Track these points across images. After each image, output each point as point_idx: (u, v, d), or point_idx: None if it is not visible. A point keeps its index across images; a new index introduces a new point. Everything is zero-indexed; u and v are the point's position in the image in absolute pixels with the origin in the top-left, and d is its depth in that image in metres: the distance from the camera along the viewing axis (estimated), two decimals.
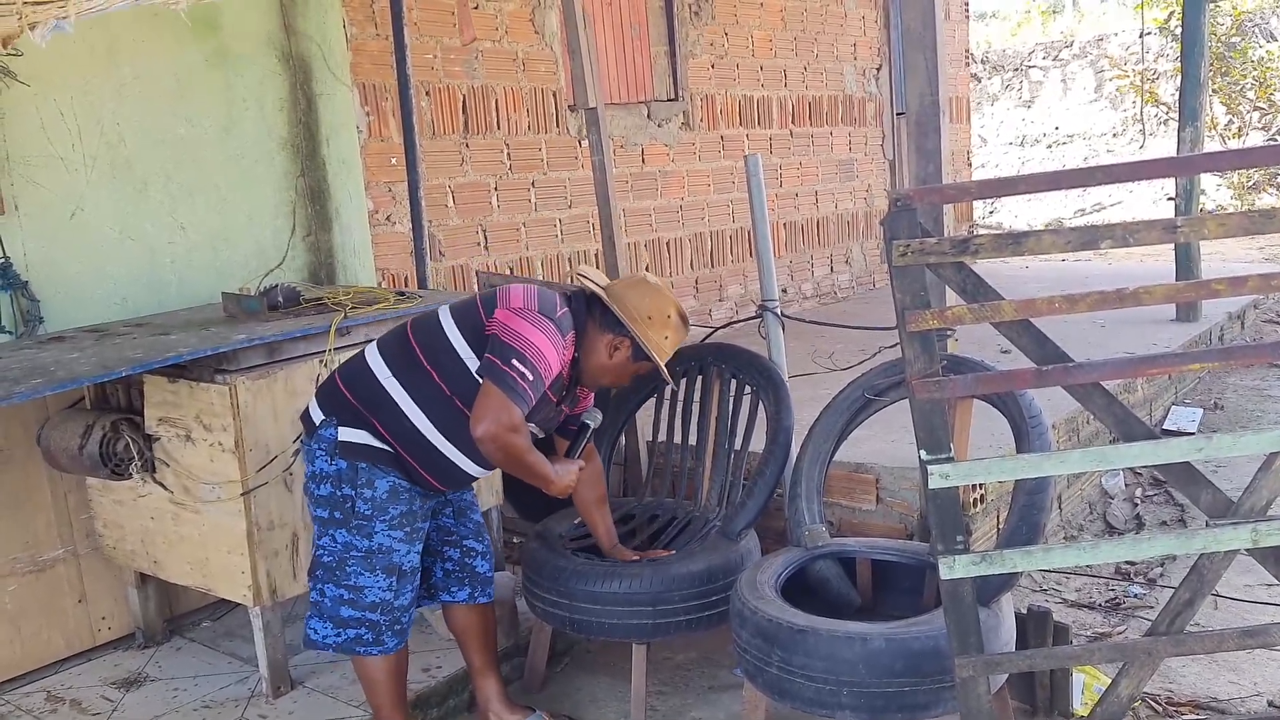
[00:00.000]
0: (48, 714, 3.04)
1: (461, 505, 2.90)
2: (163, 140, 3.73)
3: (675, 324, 2.76)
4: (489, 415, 2.44)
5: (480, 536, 2.93)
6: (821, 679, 2.35)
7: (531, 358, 2.48)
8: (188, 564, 3.10)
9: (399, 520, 2.61)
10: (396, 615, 2.67)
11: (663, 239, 6.29)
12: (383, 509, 2.58)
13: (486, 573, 2.93)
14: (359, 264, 4.40)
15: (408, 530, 2.64)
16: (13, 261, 3.31)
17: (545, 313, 2.55)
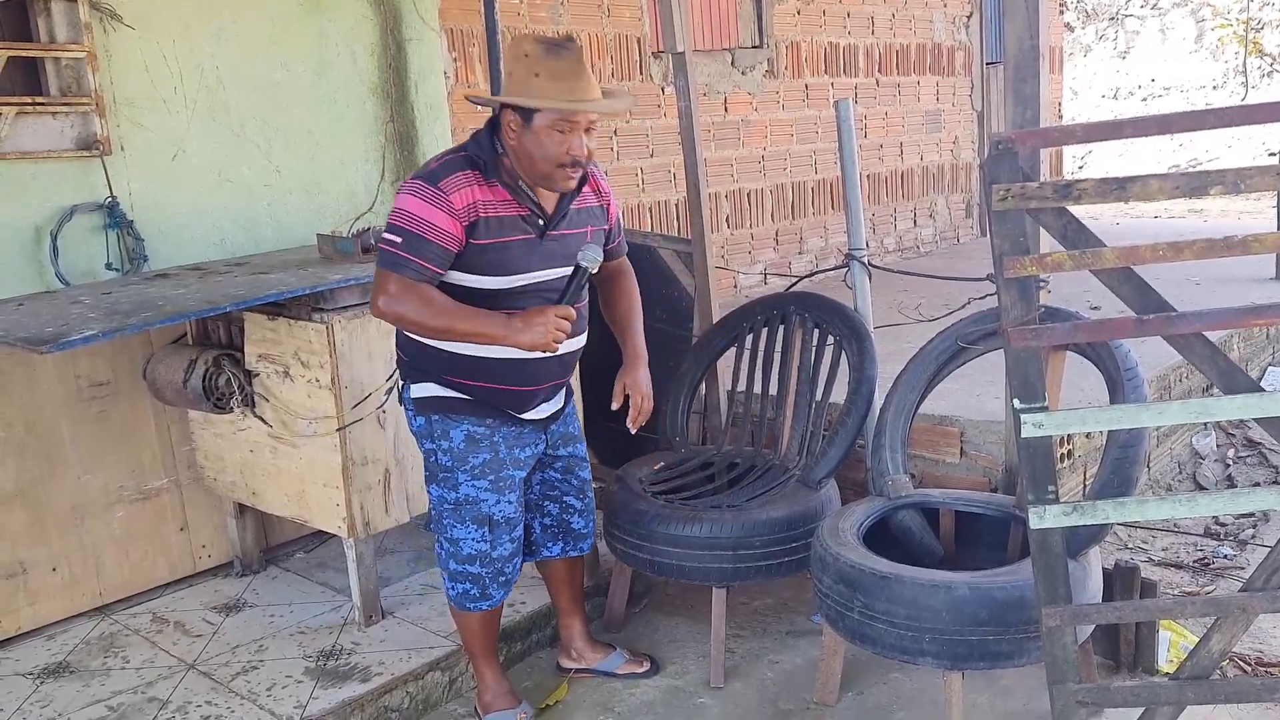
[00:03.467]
0: (154, 634, 3.20)
1: (570, 462, 2.82)
2: (259, 84, 3.81)
3: (537, 55, 2.31)
4: (372, 294, 2.37)
5: (583, 494, 2.86)
6: (904, 625, 2.37)
7: (395, 221, 2.34)
8: (285, 496, 3.21)
9: (481, 469, 2.57)
10: (498, 566, 2.66)
11: (744, 189, 6.25)
12: (462, 459, 2.56)
13: (581, 529, 2.89)
14: None
15: (492, 479, 2.59)
16: (119, 201, 3.43)
17: (416, 175, 2.41)
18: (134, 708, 2.78)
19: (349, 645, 3.07)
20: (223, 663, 3.01)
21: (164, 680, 2.92)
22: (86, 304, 2.84)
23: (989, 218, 1.96)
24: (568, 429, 2.80)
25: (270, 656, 3.03)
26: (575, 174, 2.39)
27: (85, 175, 3.39)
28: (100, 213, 3.39)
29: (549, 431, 2.73)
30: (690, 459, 3.40)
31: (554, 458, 2.79)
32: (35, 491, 3.18)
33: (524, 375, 2.53)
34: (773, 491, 3.09)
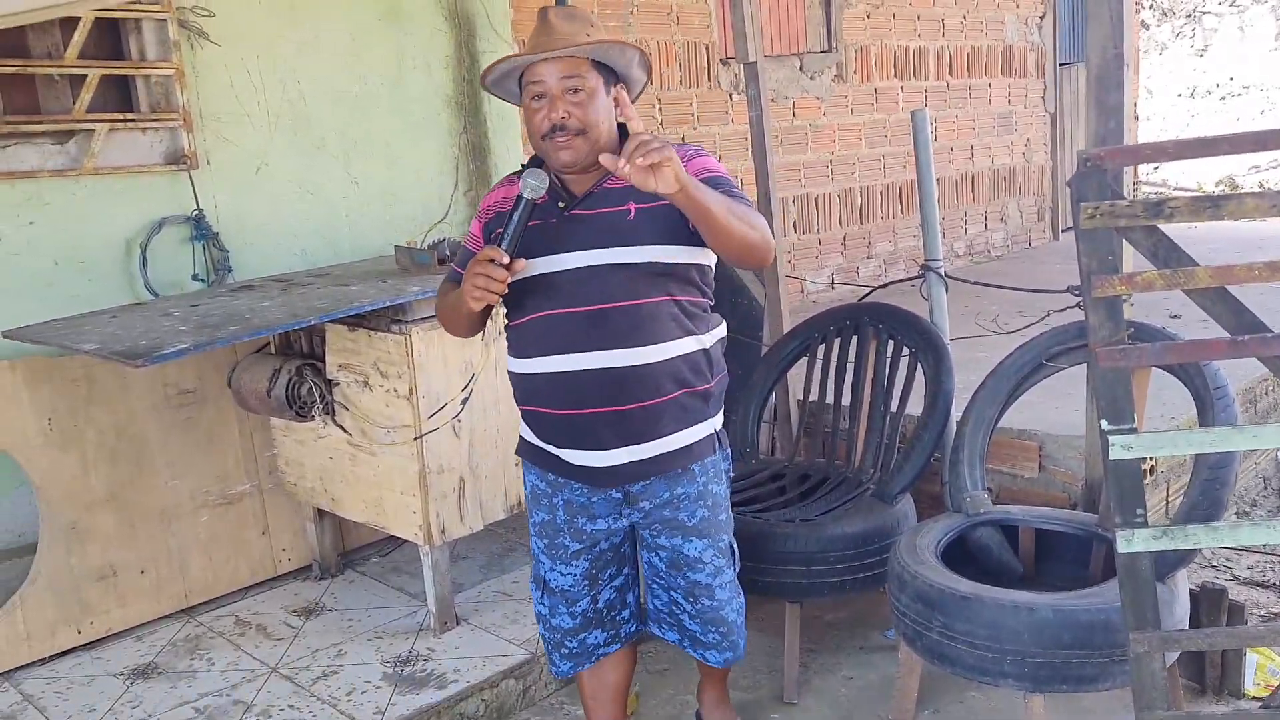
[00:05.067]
0: (237, 636, 3.28)
1: (676, 558, 2.28)
2: (338, 97, 3.89)
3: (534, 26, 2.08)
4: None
5: (694, 598, 2.32)
6: (985, 646, 2.34)
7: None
8: (363, 502, 3.27)
9: (539, 529, 2.32)
10: (558, 637, 2.40)
11: (811, 194, 6.22)
12: (529, 512, 2.35)
13: (700, 634, 2.39)
14: None
15: (547, 543, 2.31)
16: (205, 213, 3.53)
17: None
18: (220, 710, 2.86)
19: (425, 651, 3.12)
20: (303, 666, 3.07)
21: (248, 683, 2.99)
22: (177, 316, 2.93)
23: (1076, 235, 1.93)
24: (676, 515, 2.23)
25: (349, 661, 3.09)
26: (565, 143, 2.00)
27: (173, 189, 3.49)
28: (187, 225, 3.49)
29: (637, 507, 2.23)
30: (761, 470, 3.40)
31: (655, 544, 2.29)
32: (125, 496, 3.28)
33: (559, 390, 2.12)
34: (847, 505, 3.07)
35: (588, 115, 2.00)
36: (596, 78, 2.02)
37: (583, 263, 2.07)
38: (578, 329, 2.07)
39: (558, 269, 2.08)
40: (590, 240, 2.06)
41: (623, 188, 2.03)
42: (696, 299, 2.16)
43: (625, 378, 2.09)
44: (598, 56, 2.01)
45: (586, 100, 2.00)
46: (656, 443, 2.14)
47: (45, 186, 3.29)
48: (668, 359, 2.10)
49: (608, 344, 2.07)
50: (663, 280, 2.07)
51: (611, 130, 2.06)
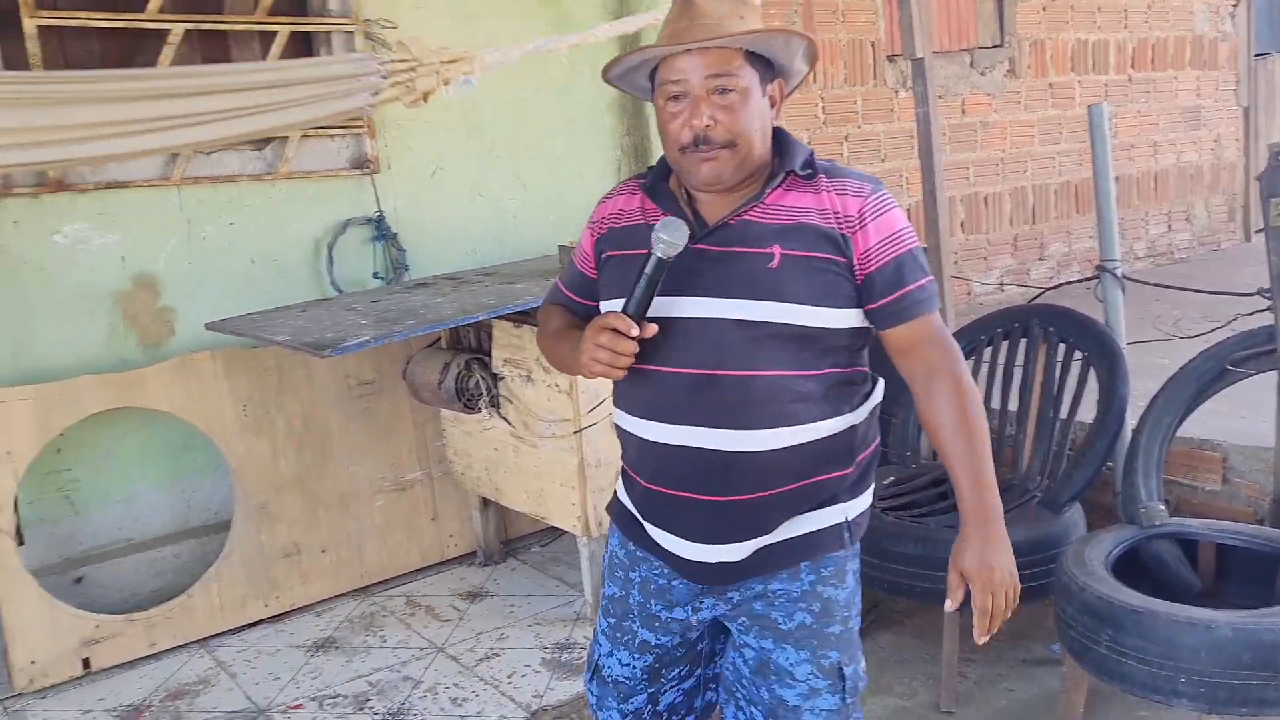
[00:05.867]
0: (407, 616, 3.45)
1: (765, 663, 1.74)
2: (510, 104, 4.04)
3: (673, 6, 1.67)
4: None
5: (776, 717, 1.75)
6: (1157, 664, 2.24)
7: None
8: (525, 493, 3.39)
9: (607, 604, 1.87)
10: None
11: (980, 193, 6.04)
12: (604, 581, 1.90)
13: None
14: None
15: (612, 622, 1.85)
16: (385, 215, 3.73)
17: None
18: (391, 685, 3.02)
19: (582, 639, 3.21)
20: (468, 648, 3.21)
21: (416, 660, 3.15)
22: (359, 311, 3.11)
23: (1266, 233, 1.83)
24: (769, 612, 1.72)
25: (510, 645, 3.21)
26: (708, 158, 1.58)
27: (357, 192, 3.70)
28: (369, 226, 3.71)
29: (725, 597, 1.75)
30: (922, 475, 3.33)
31: (742, 641, 1.78)
32: (310, 480, 3.50)
33: (650, 461, 1.69)
34: (1012, 513, 2.98)
35: (738, 123, 1.57)
36: (751, 74, 1.58)
37: (699, 312, 1.60)
38: (679, 394, 1.62)
39: (666, 315, 1.61)
40: (714, 285, 1.60)
41: (769, 222, 1.61)
42: (849, 369, 1.67)
43: (729, 465, 1.62)
44: (756, 48, 1.59)
45: (738, 103, 1.57)
46: (759, 540, 1.67)
47: (244, 190, 3.54)
48: (791, 446, 1.61)
49: (712, 420, 1.61)
50: (803, 348, 1.60)
51: (765, 138, 1.64)
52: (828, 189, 1.63)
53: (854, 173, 1.68)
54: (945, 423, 1.60)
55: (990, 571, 1.57)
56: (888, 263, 1.60)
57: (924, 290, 1.62)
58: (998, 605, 1.58)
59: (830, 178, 1.65)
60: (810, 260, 1.60)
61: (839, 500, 1.71)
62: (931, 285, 1.64)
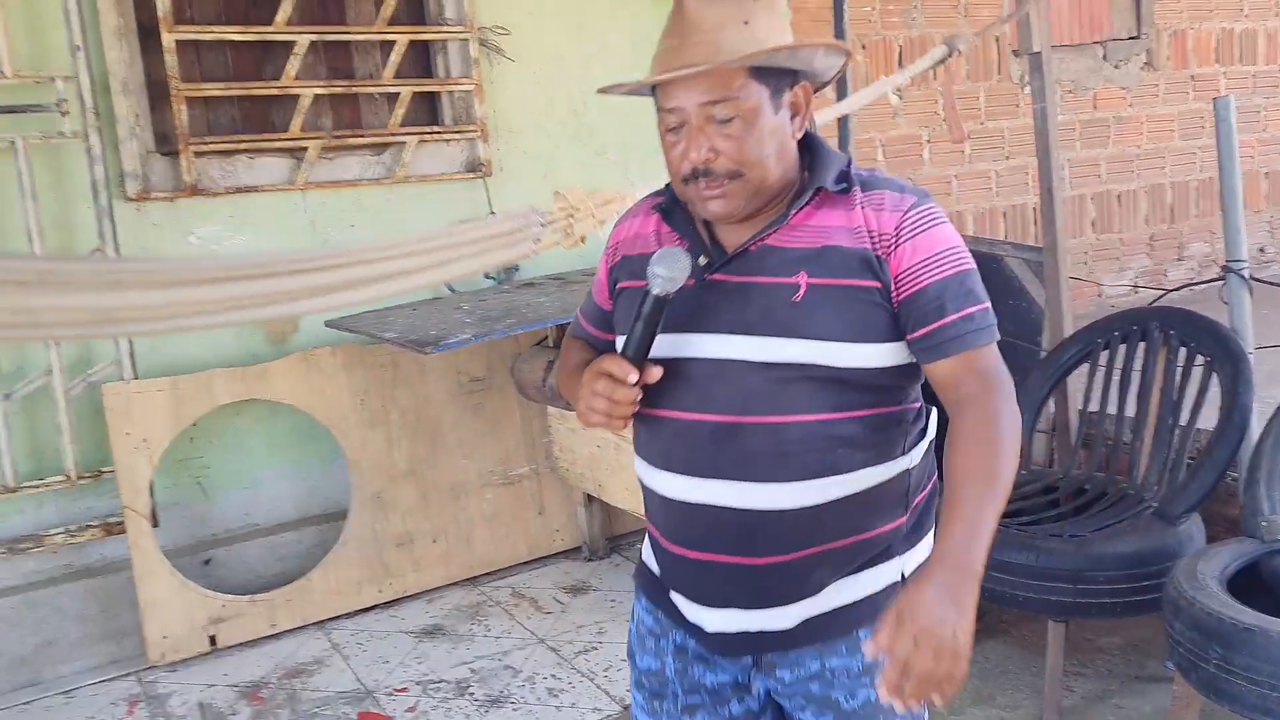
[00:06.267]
0: (512, 607, 3.55)
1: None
2: (618, 106, 4.08)
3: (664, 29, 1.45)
4: None
5: None
6: (1269, 684, 2.12)
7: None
8: (625, 490, 3.44)
9: (640, 678, 1.62)
10: None
11: (1113, 191, 5.80)
12: (631, 654, 1.65)
13: None
14: None
15: (648, 695, 1.60)
16: (497, 216, 3.83)
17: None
18: (491, 673, 3.11)
19: None
20: (568, 640, 3.27)
21: (518, 650, 3.23)
22: (465, 310, 3.22)
23: None
24: (828, 692, 1.48)
25: (609, 639, 3.26)
26: (714, 192, 1.39)
27: (470, 194, 3.82)
28: None
29: (774, 675, 1.51)
30: (1032, 481, 3.23)
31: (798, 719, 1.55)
32: (422, 471, 3.64)
33: (671, 519, 1.50)
34: (1124, 523, 2.86)
35: (744, 151, 1.37)
36: (759, 91, 1.37)
37: (717, 352, 1.41)
38: (699, 444, 1.42)
39: (683, 355, 1.43)
40: (734, 321, 1.41)
41: (795, 247, 1.41)
42: (899, 407, 1.45)
43: (760, 524, 1.42)
44: (760, 64, 1.37)
45: (743, 130, 1.36)
46: (798, 606, 1.45)
47: (364, 194, 3.70)
48: (832, 501, 1.41)
49: (737, 473, 1.41)
50: (841, 389, 1.39)
51: (785, 156, 1.41)
52: (862, 204, 1.41)
53: (895, 182, 1.46)
54: (960, 467, 1.30)
55: (938, 625, 1.17)
56: (927, 287, 1.37)
57: (972, 321, 1.38)
58: (924, 665, 1.17)
59: (866, 190, 1.42)
60: (841, 289, 1.38)
61: (894, 554, 1.48)
62: (984, 315, 1.40)
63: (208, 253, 3.47)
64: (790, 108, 1.41)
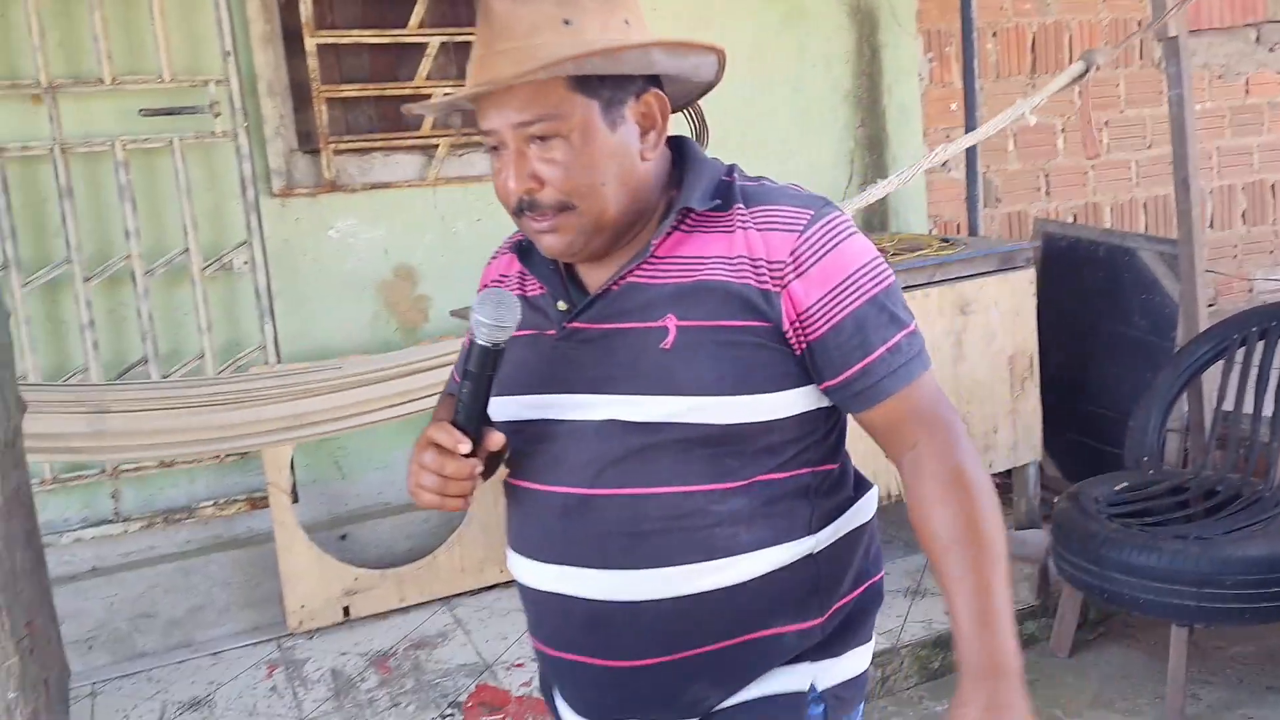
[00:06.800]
0: None
1: None
2: (738, 100, 4.12)
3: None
4: None
5: None
6: None
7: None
8: None
9: None
10: None
11: (1267, 181, 5.49)
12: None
13: None
14: (911, 211, 4.48)
15: None
16: None
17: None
18: None
19: None
20: None
21: None
22: None
23: None
24: None
25: None
26: (544, 227, 1.17)
27: None
28: None
29: None
30: (1160, 481, 3.12)
31: None
32: None
33: (531, 610, 1.29)
34: (1256, 526, 2.75)
35: (572, 179, 1.14)
36: (585, 105, 1.13)
37: (576, 413, 1.19)
38: (549, 521, 1.21)
39: (541, 418, 1.22)
40: (596, 377, 1.18)
41: (663, 283, 1.17)
42: (799, 472, 1.20)
43: (611, 619, 1.18)
44: (581, 71, 1.12)
45: (567, 153, 1.13)
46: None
47: (489, 188, 3.82)
48: (705, 594, 1.16)
49: (585, 556, 1.18)
50: (721, 453, 1.15)
51: (634, 179, 1.17)
52: (744, 224, 1.17)
53: (787, 193, 1.21)
54: (940, 533, 1.12)
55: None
56: (842, 322, 1.14)
57: (899, 352, 1.15)
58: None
59: (751, 206, 1.18)
60: (718, 332, 1.14)
61: (803, 661, 1.22)
62: (911, 341, 1.17)
63: (345, 245, 3.66)
64: (637, 121, 1.17)
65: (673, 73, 1.22)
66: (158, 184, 3.33)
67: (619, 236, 1.20)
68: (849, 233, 1.18)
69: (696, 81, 1.28)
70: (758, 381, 1.15)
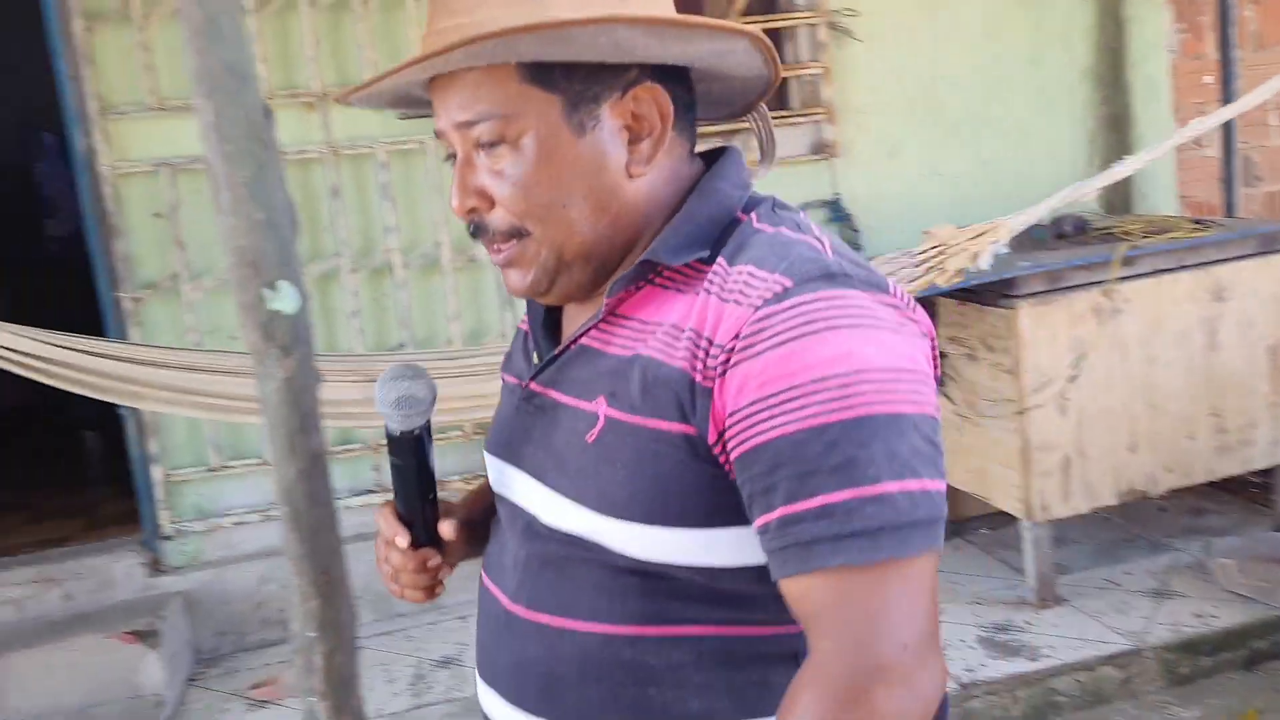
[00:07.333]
0: None
1: None
2: (972, 80, 4.02)
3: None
4: None
5: None
6: None
7: None
8: (968, 472, 3.41)
9: None
10: None
11: None
12: None
13: None
14: (1159, 192, 4.23)
15: None
16: (841, 197, 3.92)
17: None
18: None
19: (1021, 623, 3.17)
20: None
21: None
22: None
23: None
24: None
25: (947, 619, 3.25)
26: (496, 258, 0.94)
27: (815, 176, 3.93)
28: (825, 209, 3.92)
29: None
30: None
31: None
32: None
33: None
34: None
35: (523, 197, 0.90)
36: (542, 101, 0.88)
37: (521, 498, 0.98)
38: (486, 627, 1.01)
39: (498, 488, 1.04)
40: (536, 459, 0.97)
41: (609, 353, 0.91)
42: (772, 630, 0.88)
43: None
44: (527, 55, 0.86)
45: (516, 163, 0.89)
46: None
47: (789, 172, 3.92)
48: None
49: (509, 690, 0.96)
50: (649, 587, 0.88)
51: (614, 201, 0.91)
52: (710, 286, 0.86)
53: (790, 253, 0.85)
54: None
55: None
56: (758, 448, 0.79)
57: (835, 517, 0.77)
58: None
59: (736, 262, 0.86)
60: (639, 433, 0.86)
61: None
62: (872, 507, 0.77)
63: None
64: (625, 124, 0.90)
65: (674, 61, 0.90)
66: (413, 183, 3.61)
67: (604, 273, 0.92)
68: (827, 324, 0.79)
69: (742, 77, 0.95)
70: (677, 511, 0.84)
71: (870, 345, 0.79)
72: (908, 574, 0.77)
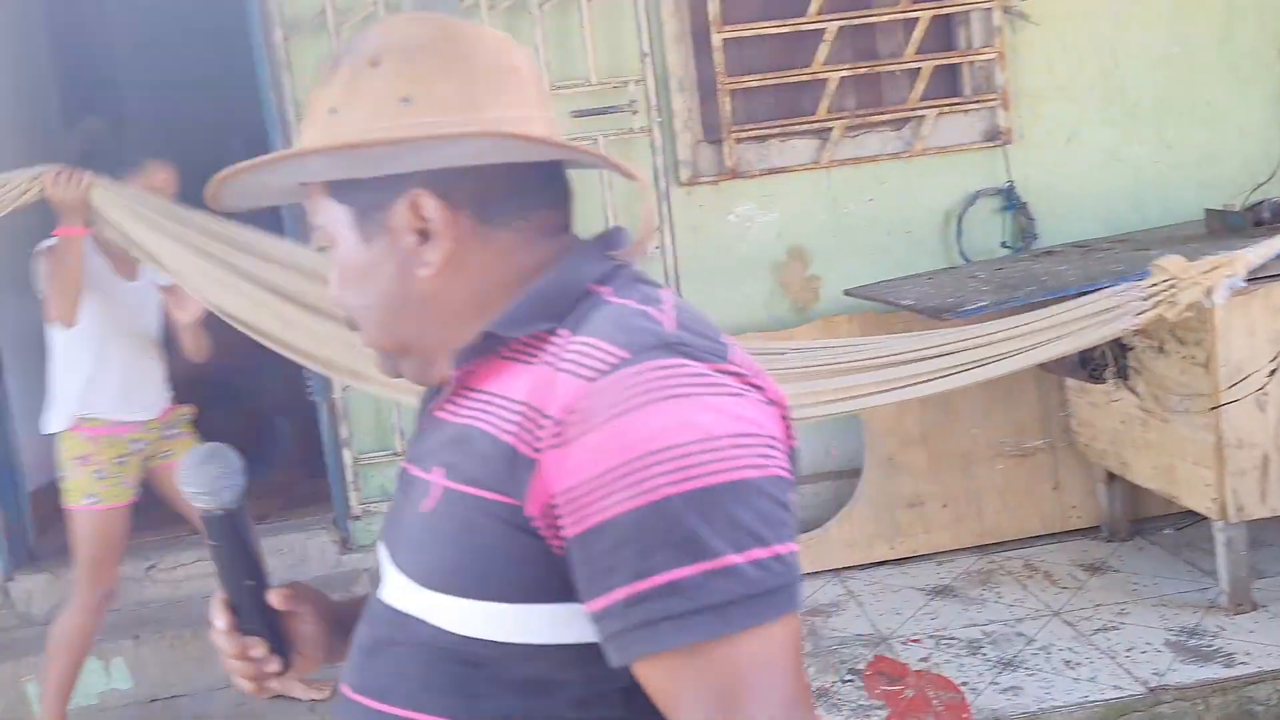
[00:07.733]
0: (1024, 578, 3.54)
1: None
2: (1156, 62, 3.85)
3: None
4: None
5: None
6: None
7: None
8: (1153, 469, 3.27)
9: None
10: None
11: None
12: None
13: None
14: None
15: None
16: (1015, 185, 3.81)
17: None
18: (1004, 637, 3.15)
19: (1213, 628, 3.03)
20: (1084, 616, 3.21)
21: (1031, 620, 3.24)
22: (981, 279, 3.27)
23: None
24: None
25: (1130, 621, 3.14)
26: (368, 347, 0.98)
27: (988, 163, 3.84)
28: (999, 196, 3.82)
29: None
30: None
31: None
32: (933, 437, 3.75)
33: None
34: None
35: (339, 297, 0.96)
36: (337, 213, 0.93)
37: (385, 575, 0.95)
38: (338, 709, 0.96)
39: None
40: (390, 532, 0.97)
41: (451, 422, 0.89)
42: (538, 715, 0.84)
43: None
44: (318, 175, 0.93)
45: (335, 266, 0.95)
46: None
47: (883, 168, 3.88)
48: None
49: None
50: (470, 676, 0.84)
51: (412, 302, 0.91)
52: (549, 357, 0.84)
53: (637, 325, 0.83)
54: None
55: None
56: (597, 526, 0.76)
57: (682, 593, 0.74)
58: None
59: (579, 333, 0.84)
60: (468, 503, 0.83)
61: None
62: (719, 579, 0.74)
63: (743, 229, 3.86)
64: (413, 229, 0.89)
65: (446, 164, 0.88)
66: (584, 178, 3.69)
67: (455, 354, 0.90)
68: (669, 395, 0.77)
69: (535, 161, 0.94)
70: (496, 585, 0.81)
71: (708, 413, 0.77)
72: (764, 643, 0.74)
